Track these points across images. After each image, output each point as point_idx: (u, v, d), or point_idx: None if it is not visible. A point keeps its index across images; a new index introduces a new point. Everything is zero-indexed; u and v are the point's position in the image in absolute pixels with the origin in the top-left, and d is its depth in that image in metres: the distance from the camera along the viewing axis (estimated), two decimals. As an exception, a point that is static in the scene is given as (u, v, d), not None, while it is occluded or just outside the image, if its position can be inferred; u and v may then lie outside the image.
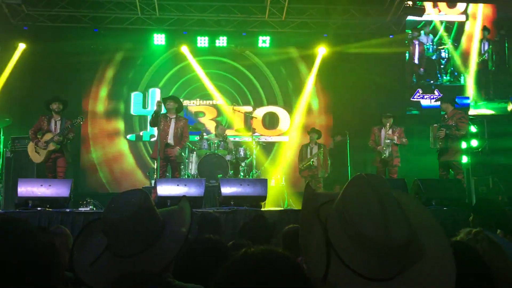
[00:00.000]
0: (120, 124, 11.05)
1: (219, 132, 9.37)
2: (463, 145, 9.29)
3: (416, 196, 6.11)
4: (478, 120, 9.58)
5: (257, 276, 1.05)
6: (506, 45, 11.21)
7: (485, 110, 10.98)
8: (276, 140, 11.24)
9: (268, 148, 10.87)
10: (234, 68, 11.28)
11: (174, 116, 7.55)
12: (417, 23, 11.28)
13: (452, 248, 1.62)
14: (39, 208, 5.67)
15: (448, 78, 11.31)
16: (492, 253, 2.11)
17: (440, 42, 11.39)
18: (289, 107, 11.37)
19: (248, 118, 10.33)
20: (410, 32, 11.36)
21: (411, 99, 11.09)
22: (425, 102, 11.07)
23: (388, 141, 7.93)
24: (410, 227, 1.14)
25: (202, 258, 2.15)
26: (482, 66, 11.23)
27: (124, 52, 11.07)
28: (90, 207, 6.81)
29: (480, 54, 11.20)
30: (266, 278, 1.05)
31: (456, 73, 11.30)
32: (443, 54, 11.36)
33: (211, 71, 11.17)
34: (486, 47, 11.22)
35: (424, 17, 10.89)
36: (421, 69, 11.38)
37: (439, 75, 11.32)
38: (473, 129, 9.48)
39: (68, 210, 5.75)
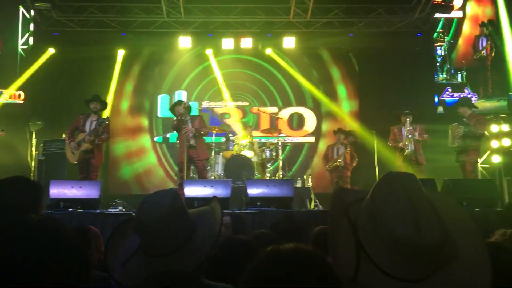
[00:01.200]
0: (145, 124, 11.19)
1: (246, 133, 9.37)
2: (495, 144, 9.07)
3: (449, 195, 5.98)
4: (511, 118, 9.30)
5: (286, 272, 1.03)
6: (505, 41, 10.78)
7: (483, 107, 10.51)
8: (302, 141, 11.19)
9: (294, 149, 10.85)
10: (259, 68, 11.29)
11: (189, 118, 7.63)
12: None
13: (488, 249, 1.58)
14: (70, 209, 5.79)
15: (444, 76, 11.02)
16: None
17: (437, 40, 11.12)
18: (316, 108, 11.31)
19: (273, 119, 10.32)
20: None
21: (441, 97, 10.86)
22: (449, 99, 10.82)
23: (410, 136, 7.67)
24: (443, 227, 1.10)
25: (233, 258, 2.16)
26: (480, 63, 10.89)
27: (150, 55, 11.24)
28: (120, 208, 6.91)
29: (477, 50, 10.85)
30: (295, 275, 1.03)
31: (453, 71, 11.01)
32: (439, 52, 11.08)
33: (235, 70, 11.21)
34: (484, 44, 10.85)
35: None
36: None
37: (435, 74, 11.05)
38: (505, 127, 9.22)
39: (98, 211, 5.86)
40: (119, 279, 1.63)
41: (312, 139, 11.22)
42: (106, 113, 7.89)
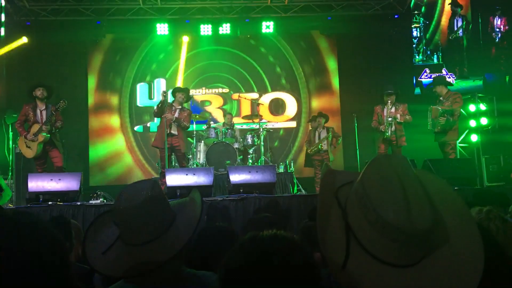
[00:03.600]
0: (125, 116, 11.04)
1: (227, 121, 9.36)
2: (472, 123, 9.22)
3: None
4: (488, 98, 9.45)
5: (265, 258, 1.04)
6: (480, 21, 10.89)
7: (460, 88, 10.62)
8: (283, 126, 11.20)
9: (276, 134, 10.86)
10: (236, 56, 11.21)
11: (180, 107, 7.55)
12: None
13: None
14: (50, 203, 5.71)
15: (420, 57, 11.11)
16: (506, 232, 2.07)
17: (411, 21, 11.18)
18: (295, 92, 11.31)
19: (254, 105, 10.29)
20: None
21: (419, 79, 10.95)
22: (426, 80, 10.92)
23: (390, 119, 7.68)
24: (435, 211, 1.07)
25: (213, 245, 2.16)
26: (456, 43, 10.99)
27: (127, 43, 11.05)
28: (101, 199, 6.83)
29: (453, 31, 10.95)
30: (274, 260, 1.03)
31: (428, 52, 11.10)
32: (414, 33, 11.16)
33: (215, 61, 11.11)
34: (459, 24, 10.95)
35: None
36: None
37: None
38: (482, 107, 9.36)
39: (78, 203, 5.78)
40: (98, 268, 1.63)
41: (293, 124, 11.24)
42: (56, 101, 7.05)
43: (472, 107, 9.31)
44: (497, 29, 10.41)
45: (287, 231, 1.20)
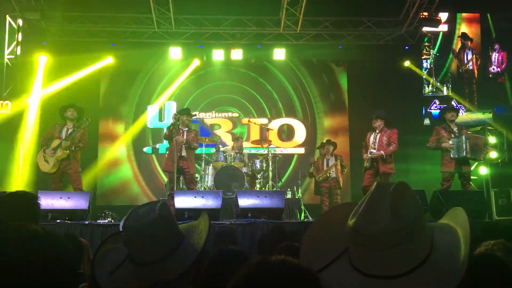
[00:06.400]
0: (132, 137, 11.11)
1: (238, 145, 9.36)
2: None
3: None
4: (497, 131, 9.45)
5: (272, 283, 1.04)
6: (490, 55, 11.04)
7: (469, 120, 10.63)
8: (292, 152, 11.22)
9: (284, 160, 10.86)
10: (250, 80, 11.34)
11: (187, 129, 7.61)
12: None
13: (477, 260, 1.64)
14: (58, 221, 5.72)
15: (430, 88, 11.18)
16: (510, 259, 2.14)
17: (423, 53, 11.29)
18: (306, 119, 11.37)
19: (263, 130, 10.34)
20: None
21: (428, 109, 10.99)
22: (435, 111, 10.97)
23: (374, 150, 7.18)
24: (396, 219, 1.15)
25: (223, 269, 2.15)
26: (466, 75, 11.09)
27: (141, 65, 11.21)
28: (108, 219, 6.84)
29: (463, 63, 11.07)
30: (281, 287, 1.04)
31: (438, 83, 11.18)
32: (424, 65, 11.26)
33: (227, 82, 11.24)
34: (469, 56, 11.08)
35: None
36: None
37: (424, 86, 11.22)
38: (492, 139, 9.35)
39: (86, 222, 5.79)
40: (105, 287, 1.64)
41: (302, 150, 11.26)
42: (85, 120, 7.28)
43: (481, 140, 9.29)
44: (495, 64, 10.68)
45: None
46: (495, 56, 11.00)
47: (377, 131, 7.28)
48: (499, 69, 11.01)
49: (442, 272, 1.16)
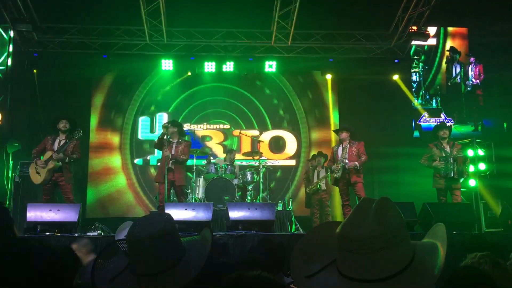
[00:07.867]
0: (126, 153, 11.09)
1: (230, 157, 9.37)
2: (471, 168, 9.28)
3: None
4: (486, 143, 9.55)
5: None
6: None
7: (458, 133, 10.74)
8: (283, 164, 11.25)
9: (275, 171, 10.89)
10: (239, 94, 11.40)
11: (176, 141, 7.60)
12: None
13: (461, 273, 1.69)
14: (47, 233, 5.68)
15: (419, 101, 11.33)
16: (496, 273, 2.21)
17: (411, 66, 11.48)
18: (296, 131, 11.43)
19: (254, 142, 10.37)
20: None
21: (418, 122, 11.10)
22: (425, 124, 11.10)
23: (345, 161, 7.30)
24: (382, 224, 1.23)
25: (210, 280, 2.16)
26: (454, 89, 11.27)
27: (132, 77, 11.25)
28: (98, 231, 6.78)
29: (451, 76, 11.26)
30: None
31: (427, 96, 11.33)
32: (414, 78, 11.42)
33: (218, 98, 11.29)
34: (457, 70, 11.27)
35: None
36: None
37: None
38: (480, 152, 9.44)
39: (76, 234, 5.75)
40: None
41: (293, 162, 11.29)
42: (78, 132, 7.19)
43: (470, 152, 9.39)
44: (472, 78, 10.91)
45: (285, 270, 1.32)
46: (471, 69, 11.25)
47: (344, 143, 7.49)
48: (477, 81, 11.23)
49: (421, 278, 1.22)
